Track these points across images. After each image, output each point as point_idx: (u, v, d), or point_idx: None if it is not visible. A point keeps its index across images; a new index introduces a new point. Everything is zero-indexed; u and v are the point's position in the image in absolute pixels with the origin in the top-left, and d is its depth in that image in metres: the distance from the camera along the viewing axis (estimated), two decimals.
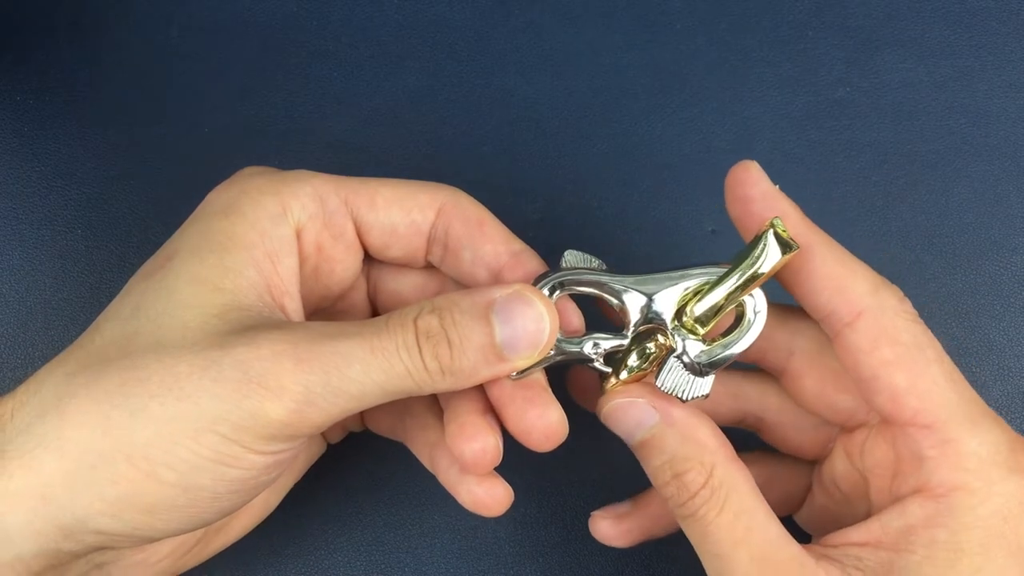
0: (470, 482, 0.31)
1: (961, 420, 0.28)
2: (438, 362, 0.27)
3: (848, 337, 0.28)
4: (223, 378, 0.26)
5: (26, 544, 0.26)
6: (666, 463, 0.29)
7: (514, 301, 0.28)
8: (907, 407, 0.28)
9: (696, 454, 0.28)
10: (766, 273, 0.28)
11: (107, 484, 0.26)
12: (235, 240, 0.28)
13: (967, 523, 0.27)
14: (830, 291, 0.29)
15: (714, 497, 0.28)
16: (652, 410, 0.29)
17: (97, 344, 0.27)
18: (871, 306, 0.28)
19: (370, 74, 0.43)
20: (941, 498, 0.27)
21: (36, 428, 0.26)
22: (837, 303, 0.29)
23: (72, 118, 0.42)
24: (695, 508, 0.28)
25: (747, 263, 0.29)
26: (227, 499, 0.27)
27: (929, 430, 0.28)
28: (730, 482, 0.28)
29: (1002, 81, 0.43)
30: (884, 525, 0.28)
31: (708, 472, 0.28)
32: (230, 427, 0.26)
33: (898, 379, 0.28)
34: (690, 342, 0.30)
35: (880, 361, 0.28)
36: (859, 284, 0.29)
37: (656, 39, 0.44)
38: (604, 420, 0.30)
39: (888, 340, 0.28)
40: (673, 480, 0.28)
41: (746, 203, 0.29)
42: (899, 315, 0.28)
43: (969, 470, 0.27)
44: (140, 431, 0.25)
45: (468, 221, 0.31)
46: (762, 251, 0.28)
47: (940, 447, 0.27)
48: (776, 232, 0.28)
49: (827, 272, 0.29)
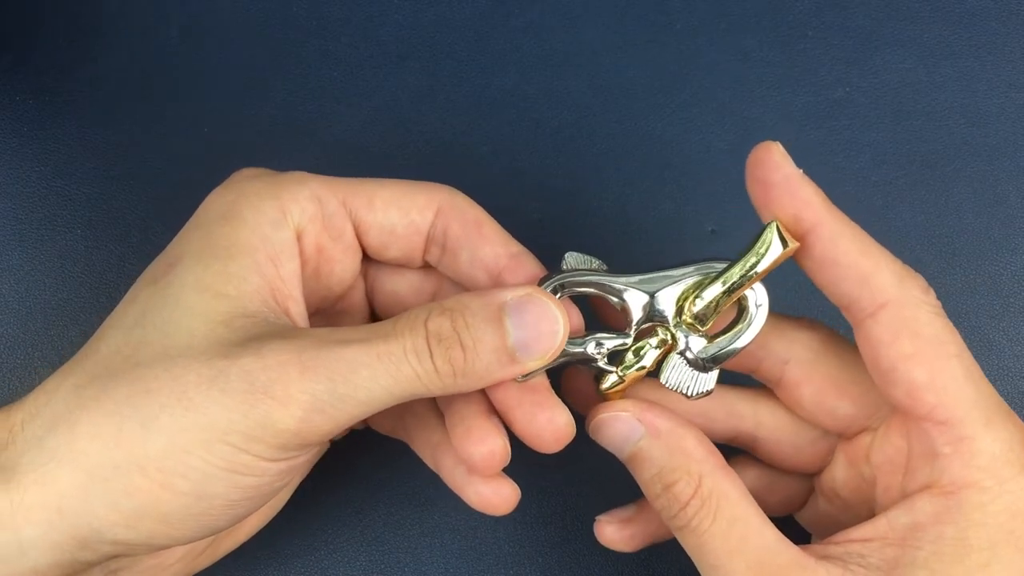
0: (477, 483, 0.31)
1: (977, 417, 0.27)
2: (451, 365, 0.27)
3: (870, 328, 0.28)
4: (230, 388, 0.26)
5: (42, 556, 0.26)
6: (655, 475, 0.29)
7: (527, 304, 0.28)
8: (924, 402, 0.27)
9: (683, 464, 0.28)
10: (765, 269, 0.28)
11: (122, 495, 0.26)
12: (238, 246, 0.28)
13: (976, 520, 0.27)
14: (853, 280, 0.28)
15: (705, 507, 0.28)
16: (637, 423, 0.29)
17: (103, 353, 0.27)
18: (895, 298, 0.28)
19: (370, 74, 0.43)
20: (951, 495, 0.27)
21: (48, 441, 0.26)
22: (860, 293, 0.28)
23: (72, 118, 0.42)
24: (687, 519, 0.28)
25: (747, 258, 0.29)
26: (242, 505, 0.27)
27: (945, 426, 0.27)
28: (720, 490, 0.28)
29: (1001, 81, 0.43)
30: (891, 521, 0.28)
31: (697, 482, 0.28)
32: (240, 437, 0.26)
33: (917, 373, 0.27)
34: (693, 338, 0.30)
35: (900, 354, 0.28)
36: (883, 275, 0.28)
37: (656, 39, 0.44)
38: (593, 435, 0.30)
39: (909, 333, 0.28)
40: (663, 492, 0.28)
41: (767, 188, 0.28)
42: (922, 308, 0.28)
43: (981, 468, 0.27)
44: (152, 442, 0.26)
45: (466, 222, 0.31)
46: (763, 246, 0.28)
47: (955, 444, 0.27)
48: (778, 227, 0.28)
49: (851, 261, 0.28)
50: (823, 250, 0.28)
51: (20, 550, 0.26)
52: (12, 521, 0.26)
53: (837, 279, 0.28)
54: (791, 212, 0.28)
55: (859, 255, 0.28)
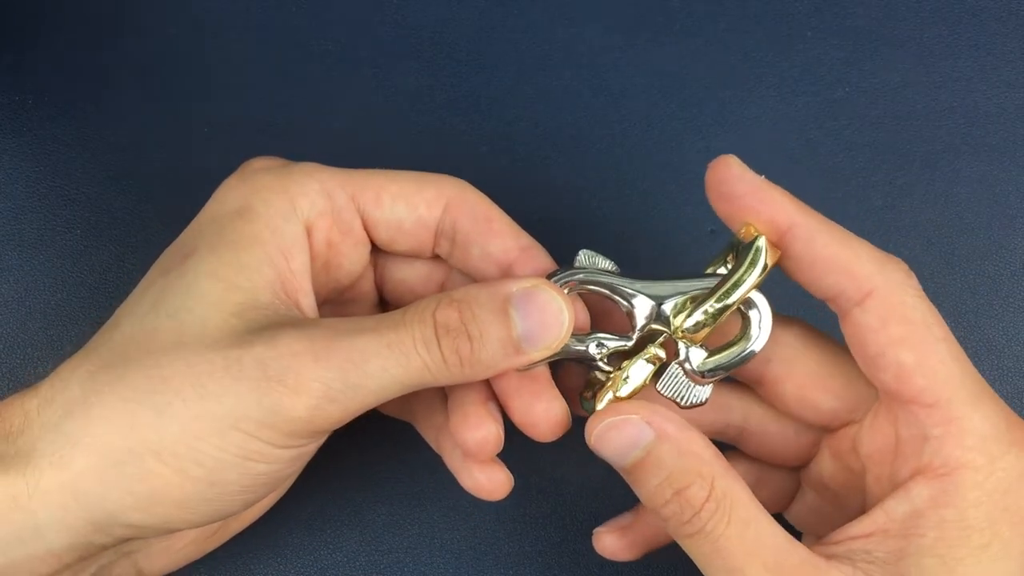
0: (472, 467, 0.31)
1: (964, 398, 0.27)
2: (458, 355, 0.27)
3: (858, 316, 0.28)
4: (244, 376, 0.26)
5: (58, 539, 0.27)
6: (664, 481, 0.28)
7: (534, 295, 0.28)
8: (913, 385, 0.28)
9: (695, 467, 0.28)
10: (753, 284, 0.29)
11: (136, 480, 0.26)
12: (250, 238, 0.29)
13: (973, 500, 0.27)
14: (837, 272, 0.28)
15: (720, 510, 0.27)
16: (647, 427, 0.28)
17: (117, 340, 0.28)
18: (880, 285, 0.28)
19: (370, 74, 0.43)
20: (945, 477, 0.27)
21: (64, 426, 0.27)
22: (846, 284, 0.28)
23: (72, 118, 0.42)
24: (702, 524, 0.27)
25: (738, 275, 0.29)
26: (253, 491, 0.28)
27: (933, 408, 0.27)
28: (732, 493, 0.28)
29: (1001, 81, 0.43)
30: (888, 513, 0.28)
31: (710, 484, 0.27)
32: (253, 425, 0.26)
33: (905, 357, 0.28)
34: (693, 350, 0.30)
35: (888, 339, 0.28)
36: (865, 263, 0.28)
37: (656, 39, 0.44)
38: (595, 443, 0.29)
39: (897, 318, 0.28)
40: (674, 497, 0.28)
41: (734, 200, 0.29)
42: (908, 292, 0.28)
43: (972, 447, 0.27)
44: (166, 429, 0.26)
45: (476, 217, 0.31)
46: (752, 262, 0.29)
47: (945, 425, 0.27)
48: (765, 241, 0.29)
49: (832, 254, 0.28)
50: (803, 249, 0.29)
51: (37, 532, 0.27)
52: (29, 504, 0.26)
53: (821, 274, 0.29)
54: (764, 219, 0.29)
55: (839, 247, 0.29)
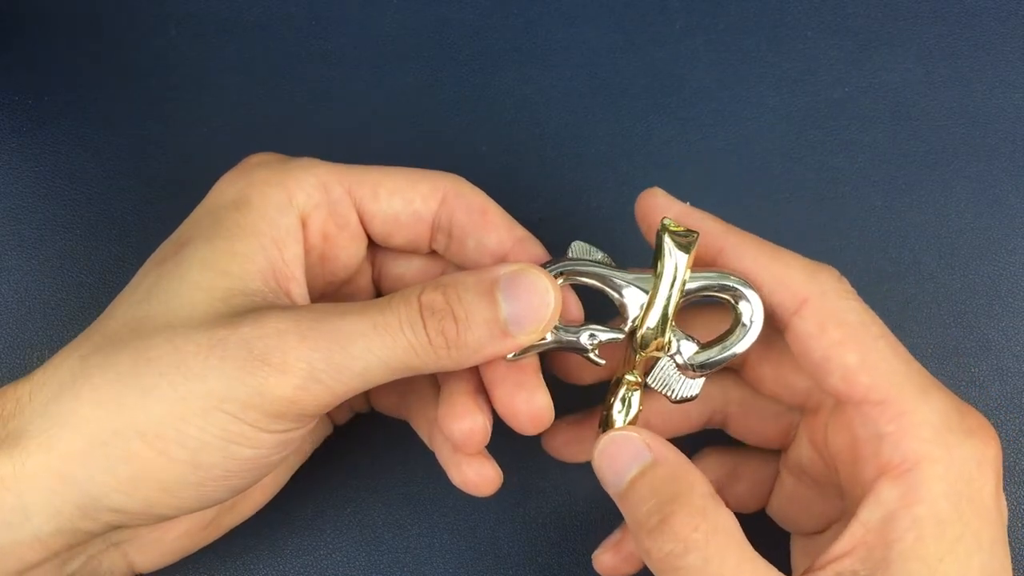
0: (461, 461, 0.31)
1: (911, 391, 0.28)
2: (444, 337, 0.27)
3: (797, 325, 0.29)
4: (229, 356, 0.26)
5: (45, 523, 0.27)
6: (653, 507, 0.27)
7: (519, 277, 0.28)
8: (860, 384, 0.28)
9: (687, 492, 0.27)
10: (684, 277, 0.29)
11: (119, 461, 0.26)
12: (245, 228, 0.29)
13: (939, 492, 0.27)
14: (771, 286, 0.29)
15: (710, 543, 0.26)
16: (645, 448, 0.28)
17: (110, 327, 0.28)
18: (814, 292, 0.29)
19: (370, 74, 0.43)
20: (908, 473, 0.27)
21: (52, 408, 0.27)
22: (781, 296, 0.29)
23: (72, 118, 0.42)
24: (683, 554, 0.26)
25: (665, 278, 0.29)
26: (238, 477, 0.28)
27: (883, 405, 0.28)
28: (724, 525, 0.27)
29: (1000, 81, 0.43)
30: (865, 524, 0.27)
31: (701, 515, 0.27)
32: (237, 405, 0.26)
33: (848, 358, 0.28)
34: (683, 342, 0.30)
35: (830, 342, 0.28)
36: (796, 273, 0.29)
37: (655, 39, 0.44)
38: (597, 460, 0.29)
39: (835, 322, 0.29)
40: (659, 525, 0.27)
41: None
42: (841, 296, 0.29)
43: (928, 439, 0.27)
44: (151, 409, 0.26)
45: (471, 210, 0.32)
46: (669, 259, 0.29)
47: (896, 420, 0.28)
48: (670, 233, 0.29)
49: (762, 267, 0.29)
50: (735, 267, 0.30)
51: (24, 516, 0.27)
52: (16, 485, 0.27)
53: (756, 288, 0.29)
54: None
55: (769, 261, 0.29)
